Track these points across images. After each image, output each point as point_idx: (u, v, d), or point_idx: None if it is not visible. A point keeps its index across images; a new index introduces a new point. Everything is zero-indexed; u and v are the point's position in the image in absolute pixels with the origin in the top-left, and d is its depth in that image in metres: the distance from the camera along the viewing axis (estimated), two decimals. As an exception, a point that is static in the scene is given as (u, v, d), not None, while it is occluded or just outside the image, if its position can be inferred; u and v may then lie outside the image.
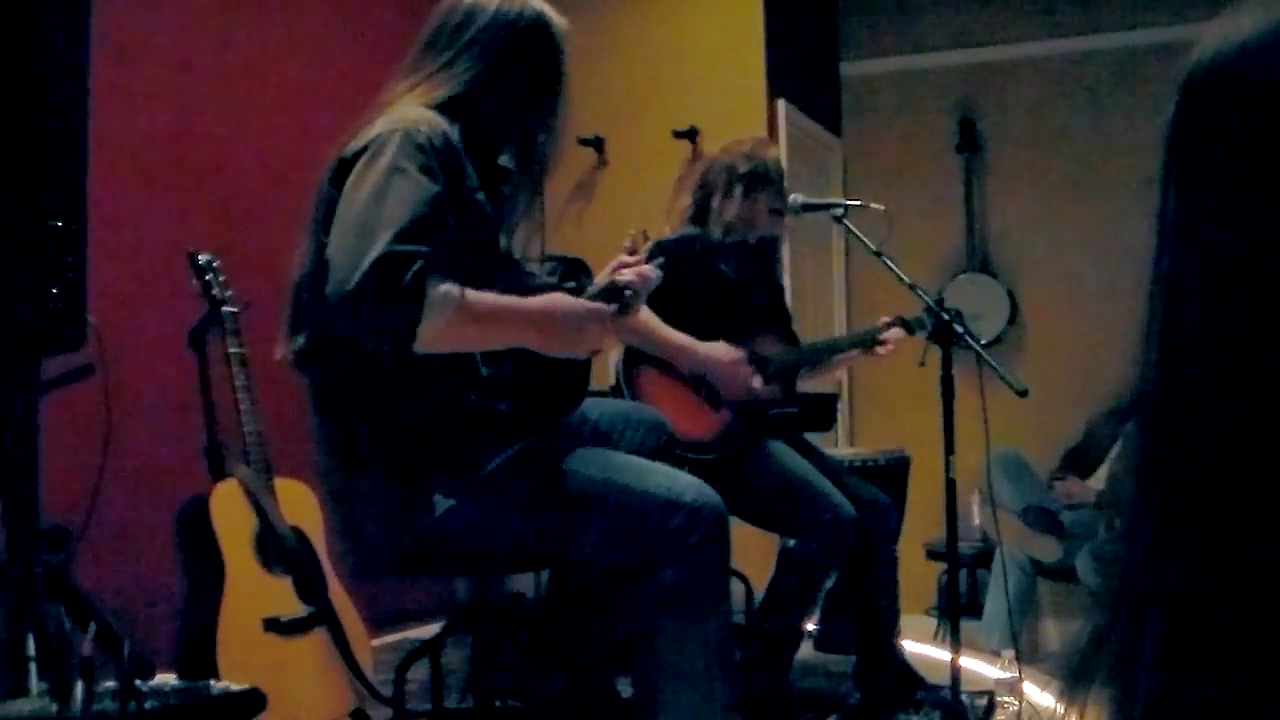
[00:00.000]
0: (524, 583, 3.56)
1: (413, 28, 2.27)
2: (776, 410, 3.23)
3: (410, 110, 2.07)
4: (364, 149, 2.00)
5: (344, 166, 2.02)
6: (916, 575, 4.75)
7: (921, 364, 3.03)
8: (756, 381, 3.18)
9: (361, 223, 1.91)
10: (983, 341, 4.57)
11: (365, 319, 1.87)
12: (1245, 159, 0.56)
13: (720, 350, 3.11)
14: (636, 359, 3.13)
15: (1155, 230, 0.60)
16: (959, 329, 2.83)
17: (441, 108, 2.10)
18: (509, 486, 2.08)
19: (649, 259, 2.25)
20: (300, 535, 2.85)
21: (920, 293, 2.93)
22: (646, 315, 2.97)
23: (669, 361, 3.11)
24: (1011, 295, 5.61)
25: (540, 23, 2.21)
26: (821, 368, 3.52)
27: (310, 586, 2.80)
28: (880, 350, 3.35)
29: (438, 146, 2.01)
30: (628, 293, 2.15)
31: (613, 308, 2.14)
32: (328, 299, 1.88)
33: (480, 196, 2.11)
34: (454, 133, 2.07)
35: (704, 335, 3.14)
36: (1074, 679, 0.60)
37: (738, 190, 3.22)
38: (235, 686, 2.24)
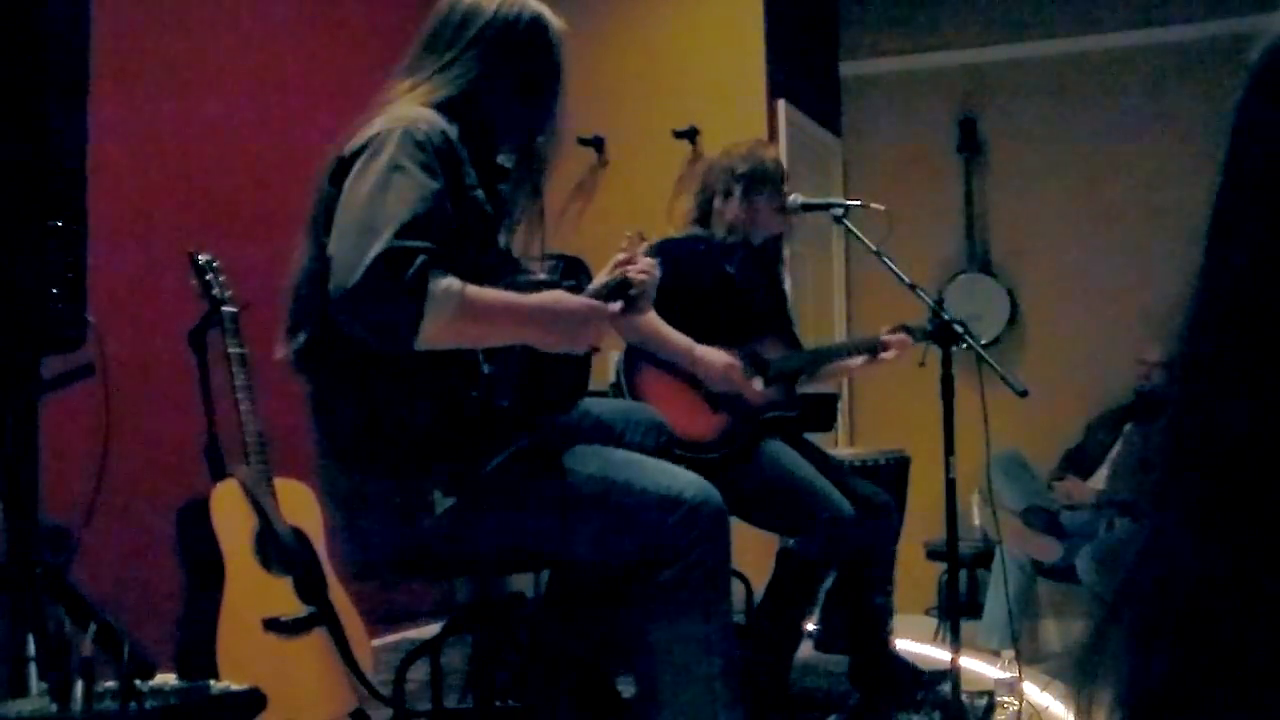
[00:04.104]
0: (524, 583, 3.56)
1: (412, 27, 2.27)
2: (776, 413, 3.23)
3: (409, 109, 2.07)
4: (364, 147, 2.00)
5: (344, 165, 2.02)
6: (916, 575, 4.75)
7: (921, 364, 3.03)
8: (757, 384, 3.18)
9: (363, 220, 1.91)
10: (983, 341, 4.57)
11: (368, 315, 1.87)
12: None
13: (714, 355, 3.10)
14: (637, 358, 3.13)
15: (1209, 220, 0.59)
16: (959, 329, 2.83)
17: (440, 107, 2.10)
18: (509, 485, 2.08)
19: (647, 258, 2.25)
20: (300, 535, 2.85)
21: (920, 293, 2.93)
22: (648, 314, 2.97)
23: (668, 360, 3.11)
24: (1011, 295, 5.61)
25: (539, 23, 2.21)
26: (822, 373, 3.52)
27: (310, 586, 2.80)
28: (884, 354, 3.35)
29: (437, 144, 2.01)
30: (633, 291, 2.16)
31: (616, 306, 2.14)
32: (330, 296, 1.88)
33: (479, 195, 2.11)
34: (453, 131, 2.07)
35: (706, 337, 3.14)
36: (1079, 676, 0.59)
37: (738, 191, 3.22)
38: (235, 686, 2.24)
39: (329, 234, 1.96)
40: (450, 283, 1.92)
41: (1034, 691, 3.13)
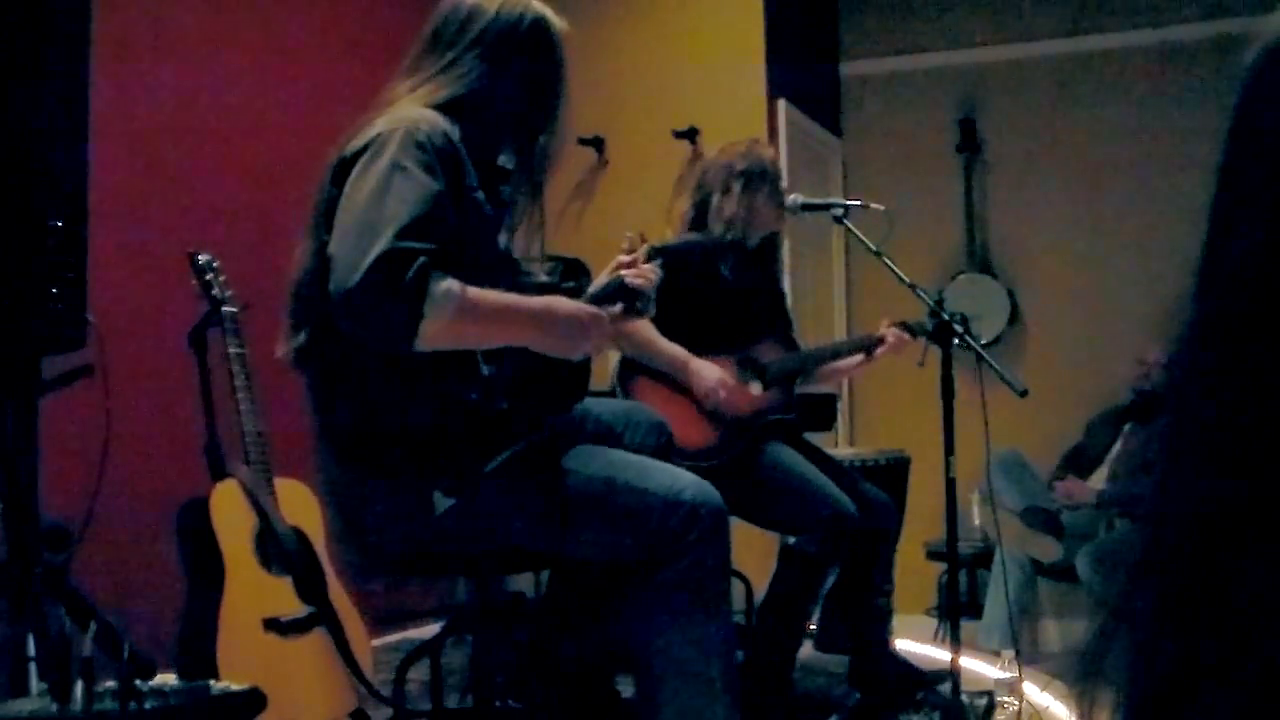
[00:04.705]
0: (524, 583, 3.56)
1: (413, 27, 2.27)
2: (774, 416, 3.23)
3: (411, 109, 2.07)
4: (365, 147, 2.00)
5: (345, 165, 2.02)
6: (916, 575, 4.75)
7: (921, 364, 3.03)
8: (755, 388, 3.17)
9: (363, 220, 1.91)
10: (983, 341, 4.57)
11: (367, 316, 1.87)
12: None
13: (707, 370, 3.10)
14: (634, 367, 3.12)
15: (1207, 220, 0.59)
16: (959, 329, 2.83)
17: (442, 108, 2.10)
18: (509, 485, 2.08)
19: (647, 262, 2.26)
20: (300, 535, 2.85)
21: (920, 293, 2.93)
22: (641, 323, 2.97)
23: (663, 371, 3.11)
24: (1011, 295, 5.61)
25: (541, 25, 2.21)
26: (821, 373, 3.52)
27: (310, 586, 2.80)
28: (879, 350, 3.34)
29: (438, 145, 2.01)
30: (639, 303, 2.16)
31: (617, 309, 2.14)
32: (330, 296, 1.88)
33: (480, 196, 2.11)
34: (454, 132, 2.07)
35: (704, 341, 3.14)
36: (1081, 676, 0.59)
37: (737, 187, 3.22)
38: (235, 686, 2.24)
39: (330, 234, 1.96)
40: (450, 284, 1.92)
41: (1034, 691, 3.13)
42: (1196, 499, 0.56)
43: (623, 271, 2.19)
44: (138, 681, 2.09)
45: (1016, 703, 2.97)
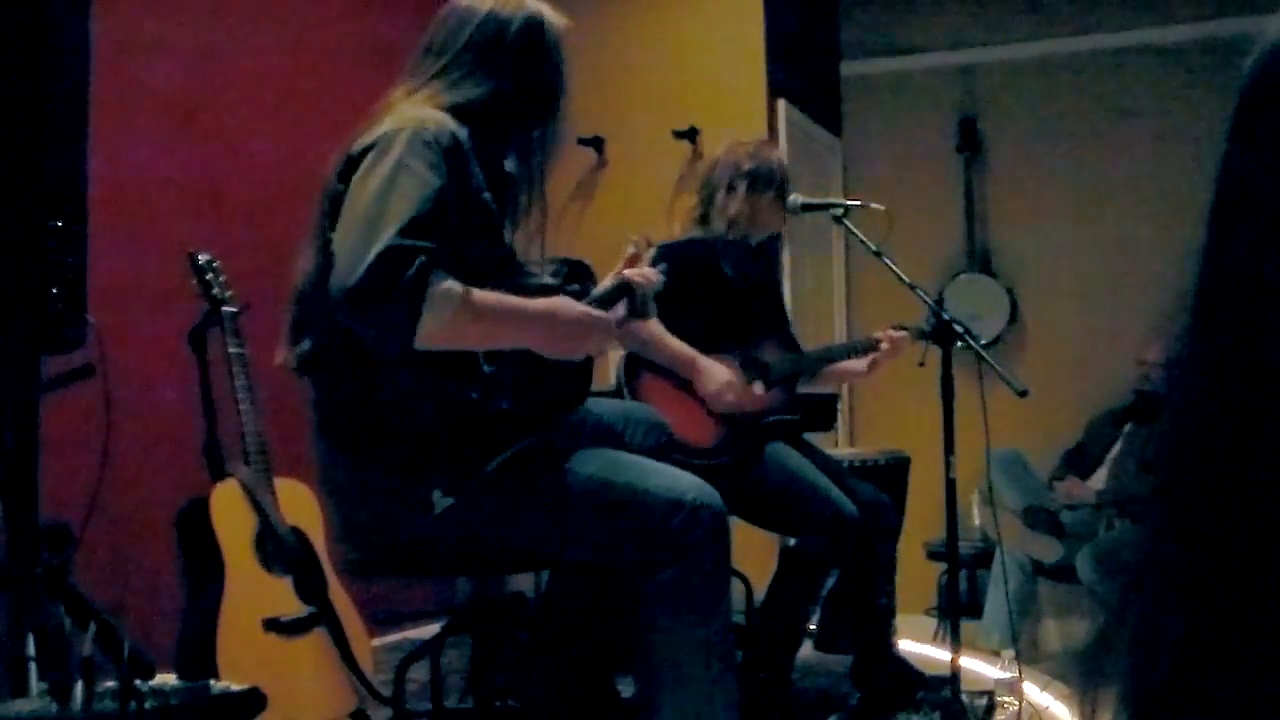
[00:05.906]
0: (524, 583, 3.56)
1: (415, 29, 2.28)
2: (777, 417, 3.23)
3: (418, 109, 2.07)
4: (372, 145, 2.00)
5: (352, 163, 2.02)
6: (916, 575, 4.75)
7: (921, 364, 3.03)
8: (758, 387, 3.18)
9: (367, 217, 1.91)
10: (983, 341, 4.57)
11: (367, 312, 1.87)
12: None
13: (716, 370, 3.10)
14: (638, 364, 3.12)
15: (1207, 221, 0.59)
16: (959, 329, 2.83)
17: (452, 110, 2.10)
18: (510, 485, 2.08)
19: (652, 264, 2.26)
20: (300, 535, 2.85)
21: (920, 293, 2.93)
22: (648, 320, 2.97)
23: (670, 369, 3.11)
24: (1011, 295, 5.61)
25: (535, 24, 2.21)
26: (823, 375, 3.52)
27: (310, 586, 2.80)
28: (878, 352, 3.34)
29: (445, 145, 2.01)
30: (640, 294, 2.16)
31: (619, 313, 2.14)
32: (331, 292, 1.88)
33: (486, 197, 2.11)
34: (462, 133, 2.07)
35: (706, 340, 3.14)
36: (1083, 677, 0.60)
37: (742, 186, 3.22)
38: (235, 686, 2.24)
39: (335, 229, 1.97)
40: (451, 284, 1.92)
41: (1034, 691, 3.13)
42: (1197, 498, 0.56)
43: (626, 271, 2.19)
44: (138, 681, 2.09)
45: (1016, 703, 2.97)
